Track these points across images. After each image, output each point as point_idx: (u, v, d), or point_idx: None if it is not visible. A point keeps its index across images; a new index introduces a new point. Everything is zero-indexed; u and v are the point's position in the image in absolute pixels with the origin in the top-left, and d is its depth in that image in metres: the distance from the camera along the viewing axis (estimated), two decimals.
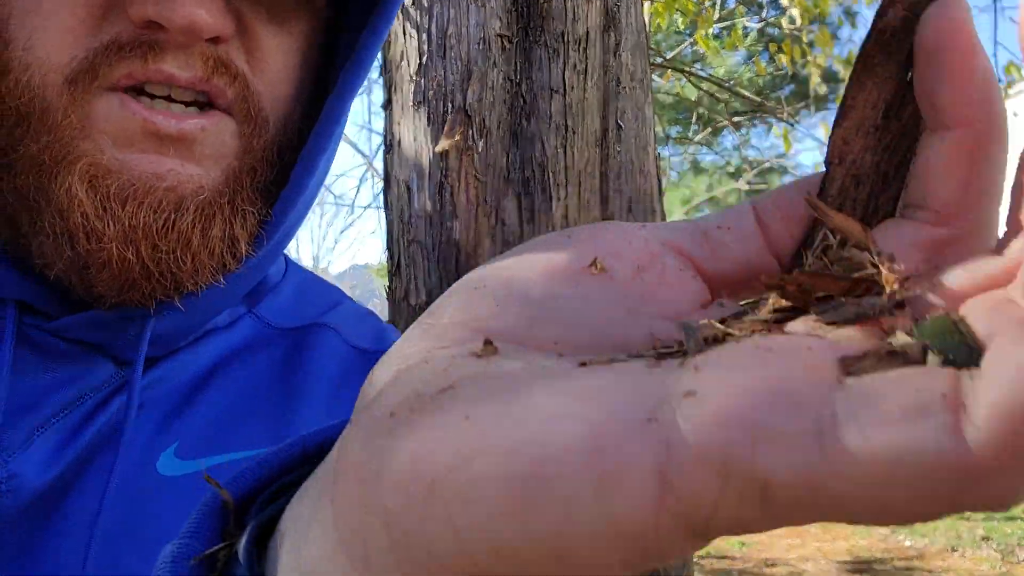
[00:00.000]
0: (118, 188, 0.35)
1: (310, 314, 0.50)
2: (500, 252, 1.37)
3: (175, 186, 0.36)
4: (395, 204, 1.43)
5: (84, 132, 0.35)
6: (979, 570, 4.54)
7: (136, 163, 0.35)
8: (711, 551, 5.21)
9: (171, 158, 0.36)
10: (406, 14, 1.40)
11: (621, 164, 1.44)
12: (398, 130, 1.43)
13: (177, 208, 0.36)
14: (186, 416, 0.42)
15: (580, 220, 1.35)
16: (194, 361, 0.44)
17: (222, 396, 0.44)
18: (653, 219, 1.48)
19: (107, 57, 0.35)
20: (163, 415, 0.42)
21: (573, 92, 1.36)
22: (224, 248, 0.38)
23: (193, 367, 0.44)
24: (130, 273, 0.36)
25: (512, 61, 1.35)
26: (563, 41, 1.36)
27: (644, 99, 1.52)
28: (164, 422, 0.42)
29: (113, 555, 0.38)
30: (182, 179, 0.36)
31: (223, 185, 0.38)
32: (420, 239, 1.36)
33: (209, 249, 0.37)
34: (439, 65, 1.35)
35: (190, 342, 0.44)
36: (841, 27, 5.32)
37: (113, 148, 0.35)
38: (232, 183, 0.39)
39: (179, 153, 0.36)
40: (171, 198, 0.36)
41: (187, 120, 0.36)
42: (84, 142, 0.35)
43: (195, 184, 0.37)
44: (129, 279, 0.36)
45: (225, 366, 0.45)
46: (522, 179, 1.32)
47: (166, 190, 0.36)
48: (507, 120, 1.34)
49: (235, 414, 0.44)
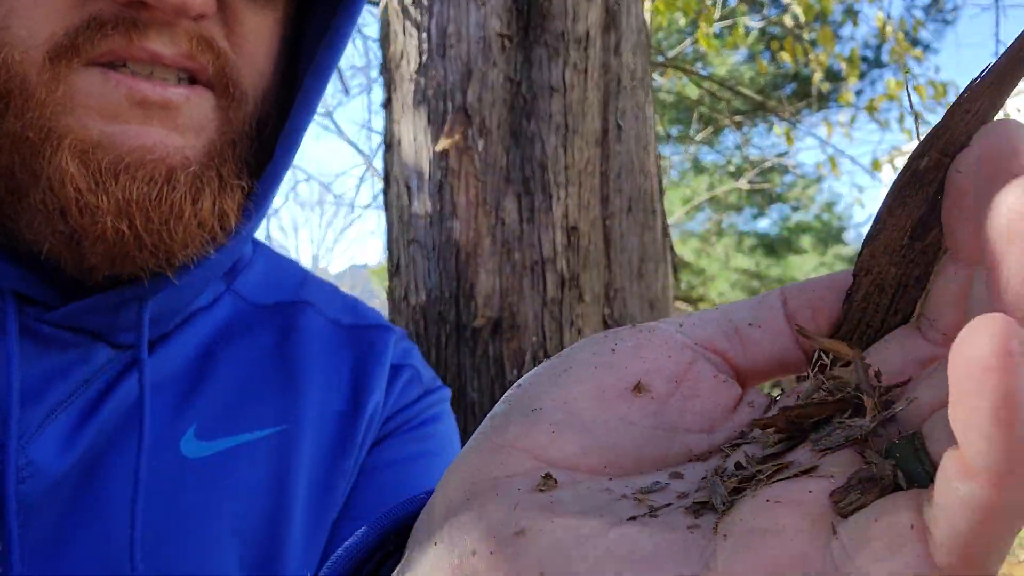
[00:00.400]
0: (110, 162, 0.35)
1: (285, 290, 0.51)
2: (500, 251, 1.36)
3: (164, 157, 0.36)
4: (395, 204, 1.43)
5: (68, 107, 0.35)
6: None
7: (122, 135, 0.35)
8: None
9: (156, 128, 0.36)
10: (406, 13, 1.40)
11: (621, 163, 1.44)
12: (398, 129, 1.42)
13: (168, 180, 0.36)
14: (197, 399, 0.43)
15: (580, 220, 1.35)
16: (187, 343, 0.44)
17: (227, 377, 0.45)
18: (653, 219, 1.48)
19: (89, 34, 0.35)
20: (175, 398, 0.42)
21: (573, 91, 1.36)
22: (214, 220, 0.38)
23: (188, 349, 0.44)
24: (124, 245, 0.36)
25: (512, 60, 1.35)
26: (563, 40, 1.36)
27: (645, 98, 1.52)
28: (177, 406, 0.42)
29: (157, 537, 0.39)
30: (169, 150, 0.37)
31: (207, 157, 0.38)
32: (420, 239, 1.36)
33: (199, 220, 0.38)
34: (439, 64, 1.35)
35: (179, 324, 0.44)
36: (843, 25, 5.31)
37: (99, 121, 0.35)
38: (216, 156, 0.39)
39: (163, 123, 0.36)
40: (162, 170, 0.36)
41: (171, 88, 0.37)
42: (69, 117, 0.35)
43: (182, 155, 0.37)
44: (123, 251, 0.36)
45: (220, 347, 0.45)
46: (522, 179, 1.32)
47: (156, 161, 0.36)
48: (507, 120, 1.34)
49: (244, 394, 0.45)
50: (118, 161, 0.35)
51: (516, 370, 1.28)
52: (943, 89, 3.95)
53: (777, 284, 8.26)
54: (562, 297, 1.32)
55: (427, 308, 1.34)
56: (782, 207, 9.09)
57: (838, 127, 4.51)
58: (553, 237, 1.32)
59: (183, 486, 0.41)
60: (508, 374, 1.28)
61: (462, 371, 1.30)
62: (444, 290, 1.32)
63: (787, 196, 8.88)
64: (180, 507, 0.40)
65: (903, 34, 4.11)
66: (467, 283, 1.31)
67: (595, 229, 1.39)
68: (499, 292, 1.30)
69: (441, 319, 1.33)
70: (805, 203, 9.01)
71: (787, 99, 5.25)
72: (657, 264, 1.48)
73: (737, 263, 7.98)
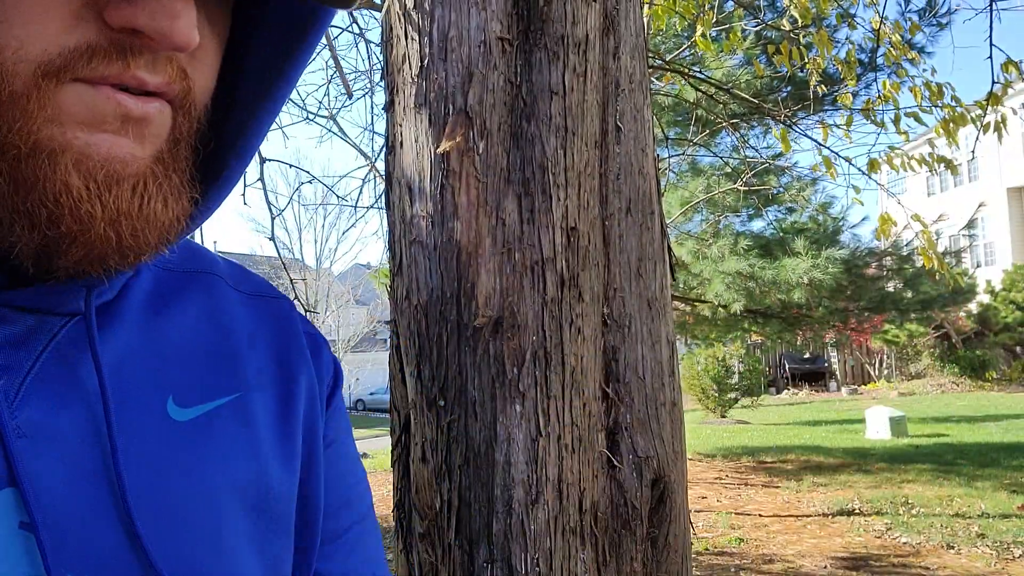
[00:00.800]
0: (105, 174, 0.36)
1: (196, 260, 0.52)
2: (500, 252, 1.39)
3: (140, 170, 0.38)
4: (396, 205, 1.45)
5: (57, 118, 0.35)
6: (974, 567, 4.56)
7: (104, 145, 0.36)
8: (708, 547, 5.23)
9: (127, 139, 0.37)
10: (408, 18, 1.42)
11: (620, 165, 1.46)
12: (400, 132, 1.44)
13: (146, 189, 0.38)
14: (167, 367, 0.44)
15: (580, 220, 1.37)
16: (125, 312, 0.45)
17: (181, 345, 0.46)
18: (652, 220, 1.50)
19: (84, 59, 0.35)
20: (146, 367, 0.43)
21: (573, 94, 1.37)
22: (176, 226, 0.40)
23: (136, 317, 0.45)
24: (105, 251, 0.37)
25: (512, 64, 1.37)
26: (563, 44, 1.37)
27: (643, 101, 1.53)
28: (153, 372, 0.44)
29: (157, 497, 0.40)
30: (140, 162, 0.38)
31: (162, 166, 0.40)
32: (421, 239, 1.37)
33: (167, 226, 0.40)
34: (440, 68, 1.37)
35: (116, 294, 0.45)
36: (839, 29, 5.32)
37: (86, 132, 0.36)
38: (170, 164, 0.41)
39: (133, 134, 0.38)
40: (140, 180, 0.38)
41: (150, 103, 0.38)
42: (57, 128, 0.35)
43: (146, 165, 0.39)
44: (101, 255, 0.38)
45: (159, 313, 0.47)
46: (522, 180, 1.34)
47: (134, 174, 0.38)
48: (507, 122, 1.35)
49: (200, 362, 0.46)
50: (111, 172, 0.36)
51: (516, 369, 1.30)
52: (939, 90, 3.98)
53: (772, 286, 8.27)
54: (562, 297, 1.33)
55: (428, 308, 1.36)
56: (778, 209, 9.11)
57: (836, 129, 4.53)
58: (553, 237, 1.34)
59: (179, 446, 0.42)
60: (508, 373, 1.30)
61: (462, 370, 1.32)
62: (445, 290, 1.34)
63: (782, 198, 8.90)
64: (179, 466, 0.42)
65: (898, 37, 4.13)
66: (468, 283, 1.32)
67: (594, 229, 1.40)
68: (499, 292, 1.31)
69: (442, 318, 1.34)
70: (802, 205, 9.03)
71: (783, 101, 5.27)
72: (656, 264, 1.50)
73: (731, 265, 7.98)
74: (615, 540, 1.35)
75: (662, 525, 1.39)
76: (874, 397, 18.90)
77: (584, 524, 1.32)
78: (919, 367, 21.70)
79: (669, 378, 1.47)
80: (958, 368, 20.29)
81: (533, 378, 1.30)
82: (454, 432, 1.32)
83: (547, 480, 1.28)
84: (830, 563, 4.75)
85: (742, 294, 8.22)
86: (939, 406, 15.35)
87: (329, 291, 22.68)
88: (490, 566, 1.27)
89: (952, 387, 19.63)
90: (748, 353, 17.93)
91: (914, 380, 21.33)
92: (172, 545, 0.40)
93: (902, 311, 10.18)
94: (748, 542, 5.36)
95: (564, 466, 1.30)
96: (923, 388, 19.86)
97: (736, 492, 7.31)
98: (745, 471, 8.56)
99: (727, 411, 14.82)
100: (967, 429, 11.14)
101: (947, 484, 7.09)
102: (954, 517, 5.80)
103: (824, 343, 20.51)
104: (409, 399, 1.42)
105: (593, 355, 1.37)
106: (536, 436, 1.29)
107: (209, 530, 0.42)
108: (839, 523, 5.85)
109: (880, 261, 9.87)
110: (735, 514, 6.29)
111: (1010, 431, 10.59)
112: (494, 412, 1.29)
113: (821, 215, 9.28)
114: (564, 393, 1.32)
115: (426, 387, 1.36)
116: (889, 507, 6.24)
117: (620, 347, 1.41)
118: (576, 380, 1.33)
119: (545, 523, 1.28)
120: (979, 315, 20.06)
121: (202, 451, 0.43)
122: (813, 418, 14.57)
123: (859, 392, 21.10)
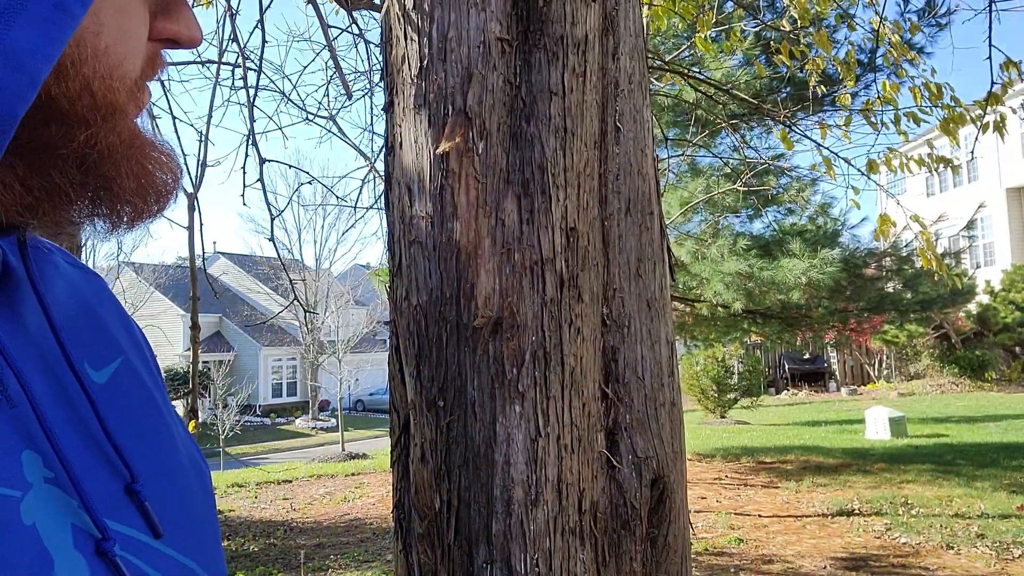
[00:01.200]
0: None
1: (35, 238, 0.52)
2: (499, 252, 1.39)
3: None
4: (396, 205, 1.45)
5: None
6: (974, 567, 4.56)
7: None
8: (708, 548, 5.23)
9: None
10: (407, 18, 1.42)
11: (620, 166, 1.46)
12: (399, 132, 1.44)
13: None
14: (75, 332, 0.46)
15: (579, 220, 1.37)
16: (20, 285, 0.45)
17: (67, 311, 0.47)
18: (651, 220, 1.50)
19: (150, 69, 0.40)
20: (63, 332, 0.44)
21: (572, 95, 1.37)
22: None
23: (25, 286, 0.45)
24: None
25: (512, 64, 1.37)
26: (562, 44, 1.38)
27: (642, 101, 1.54)
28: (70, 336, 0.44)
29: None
30: None
31: None
32: (421, 239, 1.37)
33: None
34: (440, 68, 1.37)
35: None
36: (838, 30, 5.33)
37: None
38: None
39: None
40: None
41: None
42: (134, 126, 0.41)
43: None
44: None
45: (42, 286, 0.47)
46: (522, 180, 1.34)
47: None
48: (507, 122, 1.35)
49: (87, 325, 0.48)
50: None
51: (515, 369, 1.30)
52: (938, 91, 3.98)
53: (771, 286, 8.27)
54: (561, 297, 1.33)
55: (428, 308, 1.36)
56: (777, 210, 9.11)
57: (835, 129, 4.53)
58: (552, 238, 1.34)
59: (110, 405, 0.44)
60: (507, 373, 1.30)
61: (462, 370, 1.32)
62: (444, 290, 1.34)
63: (781, 199, 8.90)
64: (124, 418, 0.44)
65: (898, 37, 4.14)
66: (467, 283, 1.32)
67: (594, 230, 1.40)
68: (499, 292, 1.31)
69: (441, 319, 1.34)
70: (801, 205, 9.03)
71: (783, 102, 5.27)
72: (655, 264, 1.50)
73: (730, 266, 7.99)
74: (615, 540, 1.35)
75: (661, 525, 1.39)
76: (874, 397, 18.91)
77: (584, 524, 1.32)
78: (919, 367, 21.71)
79: (668, 378, 1.47)
80: (957, 368, 20.30)
81: (532, 378, 1.30)
82: (453, 432, 1.32)
83: (546, 480, 1.28)
84: (829, 563, 4.75)
85: (741, 294, 8.22)
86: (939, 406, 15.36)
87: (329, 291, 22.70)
88: (489, 566, 1.27)
89: (951, 387, 19.64)
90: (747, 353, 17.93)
91: (914, 380, 21.34)
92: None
93: (902, 312, 10.18)
94: (747, 542, 5.36)
95: (563, 466, 1.30)
96: (923, 388, 19.87)
97: (735, 492, 7.31)
98: (744, 471, 8.56)
99: (727, 411, 14.83)
100: (966, 429, 11.15)
101: (946, 484, 7.10)
102: (954, 517, 5.81)
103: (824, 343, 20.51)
104: (408, 399, 1.42)
105: (592, 355, 1.37)
106: (535, 436, 1.29)
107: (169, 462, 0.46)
108: (839, 523, 5.85)
109: (880, 262, 9.87)
110: (734, 514, 6.29)
111: (1009, 431, 10.60)
112: (493, 412, 1.29)
113: (820, 216, 9.29)
114: (563, 393, 1.32)
115: (425, 387, 1.36)
116: (888, 507, 6.24)
117: (619, 347, 1.41)
118: (575, 380, 1.33)
119: (544, 523, 1.28)
120: (979, 315, 20.06)
121: (123, 408, 0.46)
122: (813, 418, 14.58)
123: (859, 392, 21.11)
